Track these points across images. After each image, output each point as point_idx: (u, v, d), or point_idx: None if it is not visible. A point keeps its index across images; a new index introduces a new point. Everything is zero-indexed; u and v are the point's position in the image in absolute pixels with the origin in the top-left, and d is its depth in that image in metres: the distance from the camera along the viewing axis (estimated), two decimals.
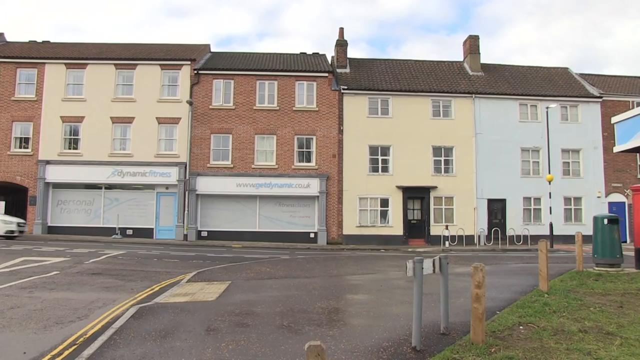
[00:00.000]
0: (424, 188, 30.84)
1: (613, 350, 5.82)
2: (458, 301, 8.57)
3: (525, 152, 32.44)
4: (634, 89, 35.42)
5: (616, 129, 14.32)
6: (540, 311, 7.80)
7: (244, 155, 29.94)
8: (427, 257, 6.48)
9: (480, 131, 31.73)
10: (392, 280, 12.39)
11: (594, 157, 32.91)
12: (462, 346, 5.92)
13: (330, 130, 30.55)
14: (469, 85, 33.11)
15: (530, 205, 32.22)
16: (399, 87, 31.72)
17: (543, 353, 5.67)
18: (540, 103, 32.55)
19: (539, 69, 37.01)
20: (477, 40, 35.85)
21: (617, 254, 13.45)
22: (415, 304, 5.96)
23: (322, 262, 17.54)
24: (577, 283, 10.86)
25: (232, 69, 30.80)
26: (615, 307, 8.30)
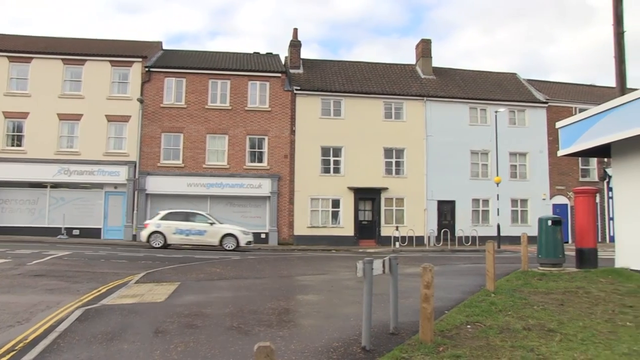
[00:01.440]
0: (375, 189, 31.11)
1: (554, 346, 5.99)
2: (407, 301, 8.65)
3: (474, 154, 33.11)
4: (577, 95, 36.60)
5: (560, 133, 14.74)
6: (487, 310, 7.95)
7: (195, 155, 29.57)
8: (377, 258, 6.51)
9: (431, 133, 32.19)
10: (342, 280, 12.43)
11: (539, 160, 33.85)
12: (411, 345, 5.97)
13: (283, 130, 30.48)
14: (421, 88, 33.57)
15: (478, 206, 32.89)
16: (351, 89, 31.91)
17: (489, 351, 5.77)
18: (490, 107, 33.25)
19: (489, 74, 37.83)
20: (429, 44, 36.39)
21: (560, 254, 13.85)
22: (365, 305, 5.98)
23: (273, 263, 17.47)
24: (522, 282, 11.11)
25: (184, 67, 30.39)
26: (556, 305, 8.53)
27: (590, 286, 10.54)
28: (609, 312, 8.00)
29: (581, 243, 14.37)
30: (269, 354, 2.82)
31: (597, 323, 7.24)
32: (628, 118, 11.67)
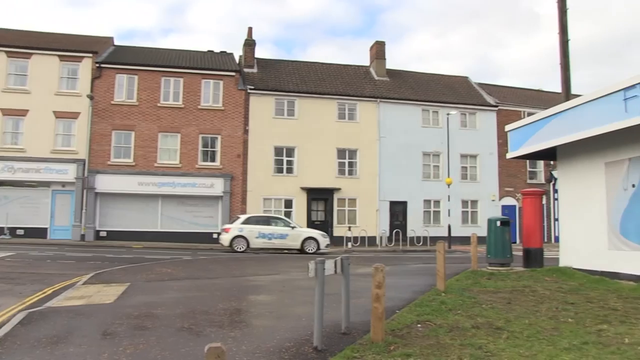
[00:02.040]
0: (328, 190, 31.24)
1: (501, 343, 6.14)
2: (359, 301, 8.70)
3: (426, 156, 33.59)
4: (525, 100, 37.57)
5: (509, 136, 15.11)
6: (437, 309, 8.07)
7: (147, 153, 29.07)
8: (329, 258, 6.54)
9: (384, 135, 32.51)
10: (294, 280, 12.43)
11: (489, 162, 34.58)
12: (363, 345, 6.02)
13: (236, 130, 30.28)
14: (374, 89, 33.87)
15: (430, 207, 33.38)
16: (305, 89, 31.95)
17: (439, 349, 5.87)
18: (442, 109, 33.79)
19: (441, 77, 38.45)
20: (383, 46, 36.73)
21: (508, 254, 14.20)
22: (317, 305, 5.99)
23: (224, 263, 17.33)
24: (471, 282, 11.33)
25: (137, 64, 29.79)
26: (504, 303, 8.74)
27: (536, 285, 10.85)
28: (553, 310, 8.25)
29: (528, 243, 14.76)
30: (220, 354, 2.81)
31: (541, 320, 7.45)
32: (572, 123, 12.06)
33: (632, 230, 11.38)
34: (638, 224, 11.23)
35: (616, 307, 8.50)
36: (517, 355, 5.62)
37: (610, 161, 12.07)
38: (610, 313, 8.04)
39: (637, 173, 11.30)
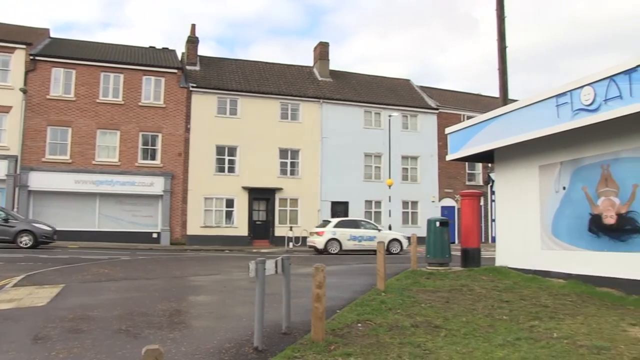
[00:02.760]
0: (270, 189, 31.17)
1: (439, 341, 6.27)
2: (300, 301, 8.71)
3: (368, 157, 33.96)
4: (465, 103, 38.50)
5: (449, 139, 15.43)
6: (377, 309, 8.16)
7: (84, 151, 28.24)
8: (270, 258, 6.52)
9: (326, 135, 32.68)
10: (235, 281, 12.34)
11: (430, 164, 35.26)
12: (303, 345, 6.02)
13: (177, 128, 29.82)
14: (318, 90, 33.99)
15: (371, 208, 33.77)
16: (248, 88, 31.77)
17: (379, 348, 5.93)
18: (384, 111, 34.23)
19: (384, 79, 38.93)
20: (327, 47, 36.90)
21: (447, 254, 14.50)
22: (257, 305, 5.97)
23: (164, 263, 17.03)
24: (411, 282, 11.51)
25: (74, 58, 28.87)
26: (442, 302, 8.93)
27: (473, 284, 11.11)
28: (489, 308, 8.49)
29: (466, 243, 15.11)
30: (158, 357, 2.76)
31: (478, 318, 7.65)
32: (509, 127, 12.43)
33: (563, 230, 11.82)
34: (568, 224, 11.68)
35: (547, 304, 8.83)
36: (455, 353, 5.74)
37: (544, 164, 12.51)
38: (541, 310, 8.34)
39: (568, 176, 11.75)
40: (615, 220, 10.45)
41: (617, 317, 7.81)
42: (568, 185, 11.76)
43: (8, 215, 21.99)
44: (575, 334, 6.62)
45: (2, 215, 21.70)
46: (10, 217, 21.88)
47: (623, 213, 10.27)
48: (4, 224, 21.39)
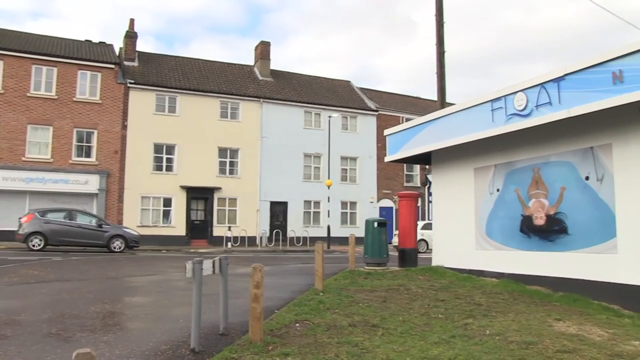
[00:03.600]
0: (209, 189, 30.82)
1: (376, 340, 6.35)
2: (238, 301, 8.65)
3: (307, 157, 34.06)
4: (404, 105, 39.13)
5: (388, 140, 15.65)
6: (315, 309, 8.19)
7: (13, 146, 27.07)
8: (208, 258, 6.45)
9: (266, 135, 32.58)
10: (172, 281, 12.15)
11: (369, 165, 35.67)
12: (241, 345, 5.98)
13: (114, 125, 29.05)
14: (258, 89, 33.85)
15: (310, 208, 33.87)
16: (188, 86, 31.30)
17: (317, 347, 5.96)
18: (324, 112, 34.41)
19: (324, 80, 39.12)
20: (268, 47, 36.77)
21: (384, 254, 14.69)
22: (195, 306, 5.89)
23: (99, 264, 16.56)
24: (349, 281, 11.61)
25: (3, 49, 27.49)
26: (380, 301, 9.05)
27: (410, 283, 11.31)
28: (425, 307, 8.66)
29: (404, 244, 15.37)
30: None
31: (414, 317, 7.80)
32: (446, 130, 12.73)
33: (496, 231, 12.21)
34: (501, 225, 12.07)
35: (480, 303, 9.10)
36: (391, 351, 5.83)
37: (479, 167, 12.87)
38: (475, 308, 8.59)
39: (502, 178, 12.14)
40: (545, 221, 10.88)
41: (545, 314, 8.15)
42: (501, 187, 12.14)
43: (101, 221, 23.07)
44: (506, 331, 6.85)
45: (96, 221, 22.74)
46: (103, 223, 22.94)
47: (552, 214, 10.70)
48: (98, 229, 22.34)
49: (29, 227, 21.36)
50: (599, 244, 9.63)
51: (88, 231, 22.12)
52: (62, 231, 21.66)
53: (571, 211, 10.28)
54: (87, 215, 23.28)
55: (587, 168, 10.00)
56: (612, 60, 8.46)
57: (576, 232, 10.15)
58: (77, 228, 22.02)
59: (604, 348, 6.11)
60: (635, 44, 8.21)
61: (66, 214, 22.72)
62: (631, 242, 9.06)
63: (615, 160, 9.44)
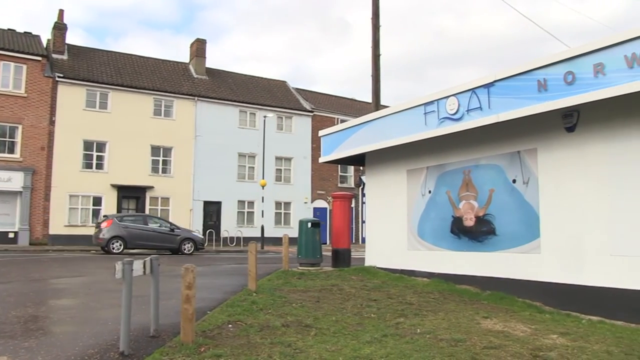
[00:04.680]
0: (141, 188, 30.16)
1: (309, 340, 6.37)
2: (170, 302, 8.50)
3: (242, 157, 33.87)
4: (339, 107, 39.47)
5: (322, 141, 15.75)
6: (248, 309, 8.14)
7: None
8: (139, 258, 6.30)
9: (200, 134, 32.18)
10: (101, 282, 11.79)
11: (303, 165, 35.79)
12: (172, 347, 5.87)
13: (41, 120, 27.94)
14: (193, 87, 33.38)
15: (244, 208, 33.69)
16: (120, 82, 30.49)
17: (249, 348, 5.92)
18: (259, 112, 34.30)
19: (260, 80, 38.97)
20: (203, 44, 36.31)
21: (318, 255, 14.77)
22: (124, 307, 5.73)
23: (22, 265, 15.90)
24: (282, 282, 11.60)
25: None
26: (313, 302, 9.08)
27: (343, 283, 11.41)
28: (358, 306, 8.76)
29: (337, 244, 15.49)
30: None
31: (347, 317, 7.87)
32: (380, 132, 12.92)
33: (427, 231, 12.49)
34: (432, 225, 12.36)
35: (412, 302, 9.28)
36: (324, 351, 5.86)
37: (412, 169, 13.13)
38: (407, 307, 8.76)
39: (434, 180, 12.43)
40: (474, 223, 11.21)
41: (473, 312, 8.41)
42: (433, 189, 12.43)
43: (172, 226, 24.03)
44: (436, 329, 7.02)
45: (169, 226, 23.81)
46: (175, 227, 23.91)
47: (481, 216, 11.04)
48: (171, 233, 23.39)
49: (110, 231, 22.20)
50: (524, 244, 10.02)
51: (162, 235, 23.26)
52: (139, 235, 22.72)
53: (499, 213, 10.64)
54: (160, 220, 24.65)
55: (514, 171, 10.38)
56: (538, 69, 8.83)
57: (503, 233, 10.51)
58: (152, 232, 23.13)
59: (526, 343, 6.38)
60: (558, 54, 8.60)
61: (141, 218, 24.18)
62: (553, 242, 9.48)
63: (540, 164, 9.84)
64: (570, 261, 9.17)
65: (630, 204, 8.29)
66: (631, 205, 8.28)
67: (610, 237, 8.56)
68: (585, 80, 8.09)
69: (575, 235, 9.11)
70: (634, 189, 8.25)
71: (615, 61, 7.71)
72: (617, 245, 8.45)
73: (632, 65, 7.50)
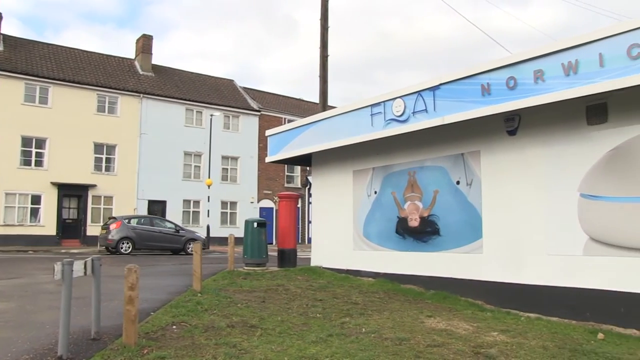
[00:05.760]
0: (83, 186, 29.37)
1: (255, 340, 6.35)
2: (112, 304, 8.32)
3: (188, 156, 33.45)
4: (287, 107, 39.47)
5: (269, 141, 15.71)
6: (193, 310, 8.05)
7: None
8: (80, 259, 6.14)
9: (145, 131, 31.61)
10: (40, 284, 11.41)
11: (250, 165, 35.62)
12: (114, 350, 5.75)
13: None
14: (138, 84, 32.74)
15: (190, 207, 33.30)
16: (62, 77, 29.59)
17: (194, 349, 5.85)
18: (206, 110, 33.95)
19: (207, 78, 38.56)
20: (150, 40, 35.64)
21: (264, 255, 14.72)
22: (63, 310, 5.56)
23: None
24: (228, 282, 11.52)
25: None
26: (258, 302, 9.06)
27: (289, 283, 11.42)
28: (304, 306, 8.78)
29: (283, 244, 15.47)
30: None
31: (293, 317, 7.88)
32: (327, 132, 12.98)
33: (373, 232, 12.63)
34: (377, 226, 12.50)
35: (357, 302, 9.37)
36: (270, 351, 5.85)
37: (358, 169, 13.24)
38: (352, 307, 8.83)
39: (379, 181, 12.57)
40: (419, 223, 11.40)
41: (417, 311, 8.56)
42: (379, 190, 12.57)
43: (177, 227, 24.67)
44: (381, 328, 7.11)
45: (174, 227, 24.36)
46: (180, 228, 24.62)
47: (425, 216, 11.24)
48: (176, 234, 23.99)
49: (119, 233, 22.49)
50: (467, 245, 10.26)
51: (168, 236, 23.80)
52: (147, 236, 23.20)
53: (443, 213, 10.85)
54: (165, 221, 25.27)
55: (458, 173, 10.61)
56: (481, 73, 9.06)
57: (447, 233, 10.73)
58: (159, 233, 23.60)
59: (468, 340, 6.55)
60: (500, 60, 8.85)
61: (147, 220, 24.63)
62: (494, 242, 9.75)
63: (483, 166, 10.10)
64: (510, 261, 9.44)
65: (565, 205, 8.60)
66: (566, 207, 8.59)
67: (546, 238, 8.87)
68: (526, 85, 8.35)
69: (515, 236, 9.40)
70: (569, 191, 8.57)
71: (554, 68, 8.00)
72: (553, 245, 8.76)
73: (569, 73, 7.79)
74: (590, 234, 8.30)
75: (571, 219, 8.51)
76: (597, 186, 8.27)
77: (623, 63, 7.21)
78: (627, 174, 7.92)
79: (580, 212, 8.43)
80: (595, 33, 7.56)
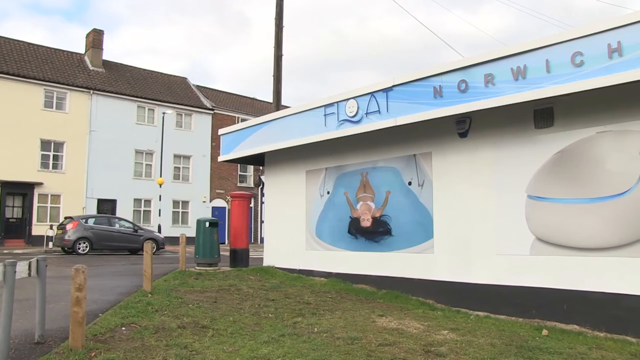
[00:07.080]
0: (28, 184, 28.51)
1: (206, 341, 6.29)
2: (58, 306, 8.11)
3: (139, 154, 32.91)
4: (240, 106, 39.27)
5: (222, 140, 15.60)
6: (143, 311, 7.92)
7: None
8: (24, 259, 5.96)
9: (95, 129, 30.91)
10: None
11: (202, 164, 35.28)
12: (59, 354, 5.59)
13: None
14: (88, 80, 31.98)
15: (140, 206, 32.75)
16: (6, 70, 28.61)
17: (144, 351, 5.76)
18: (158, 108, 33.46)
19: (160, 75, 37.99)
20: (101, 35, 34.81)
21: (216, 254, 14.59)
22: (4, 313, 5.36)
23: None
24: (179, 282, 11.37)
25: None
26: (210, 302, 8.98)
27: (241, 283, 11.36)
28: (256, 306, 8.75)
29: (235, 244, 15.38)
30: None
31: (245, 317, 7.84)
32: (280, 132, 12.97)
33: (325, 232, 12.68)
34: (330, 226, 12.55)
35: (309, 301, 9.39)
36: (221, 352, 5.81)
37: (311, 169, 13.27)
38: (304, 307, 8.84)
39: (332, 181, 12.62)
40: (371, 223, 11.50)
41: (369, 310, 8.64)
42: (332, 190, 12.63)
43: (135, 226, 24.41)
44: (333, 328, 7.15)
45: (132, 227, 24.09)
46: (138, 228, 24.37)
47: (377, 217, 11.35)
48: (135, 234, 23.64)
49: (76, 233, 22.07)
50: (419, 245, 10.41)
51: (127, 236, 23.48)
52: (105, 236, 22.88)
53: (395, 214, 10.98)
54: (123, 221, 24.75)
55: (410, 174, 10.75)
56: (434, 76, 9.20)
57: (399, 233, 10.86)
58: (117, 233, 23.34)
59: (419, 339, 6.64)
60: (452, 63, 9.01)
61: (105, 220, 24.45)
62: (445, 242, 9.92)
63: (434, 167, 10.26)
64: (460, 260, 9.62)
65: (514, 206, 8.82)
66: (514, 208, 8.81)
67: (496, 238, 9.07)
68: (477, 89, 8.52)
69: (465, 236, 9.58)
70: (516, 192, 8.80)
71: (503, 73, 8.19)
72: (502, 245, 8.97)
73: (518, 78, 8.00)
74: (537, 234, 8.53)
75: (519, 220, 8.73)
76: (543, 188, 8.51)
77: (568, 70, 7.45)
78: (571, 176, 8.18)
79: (528, 213, 8.67)
80: (541, 40, 7.79)
